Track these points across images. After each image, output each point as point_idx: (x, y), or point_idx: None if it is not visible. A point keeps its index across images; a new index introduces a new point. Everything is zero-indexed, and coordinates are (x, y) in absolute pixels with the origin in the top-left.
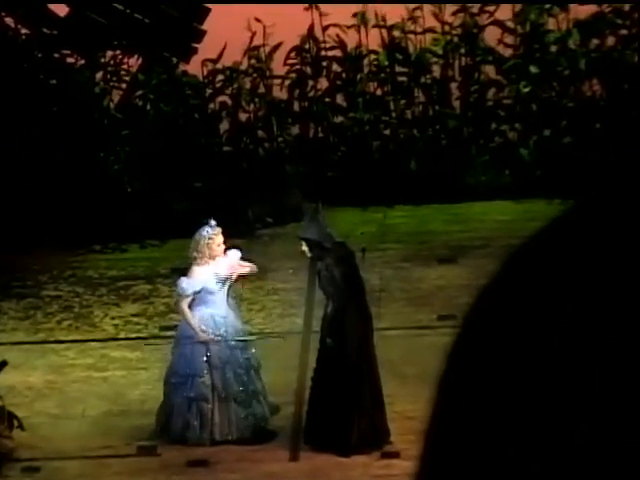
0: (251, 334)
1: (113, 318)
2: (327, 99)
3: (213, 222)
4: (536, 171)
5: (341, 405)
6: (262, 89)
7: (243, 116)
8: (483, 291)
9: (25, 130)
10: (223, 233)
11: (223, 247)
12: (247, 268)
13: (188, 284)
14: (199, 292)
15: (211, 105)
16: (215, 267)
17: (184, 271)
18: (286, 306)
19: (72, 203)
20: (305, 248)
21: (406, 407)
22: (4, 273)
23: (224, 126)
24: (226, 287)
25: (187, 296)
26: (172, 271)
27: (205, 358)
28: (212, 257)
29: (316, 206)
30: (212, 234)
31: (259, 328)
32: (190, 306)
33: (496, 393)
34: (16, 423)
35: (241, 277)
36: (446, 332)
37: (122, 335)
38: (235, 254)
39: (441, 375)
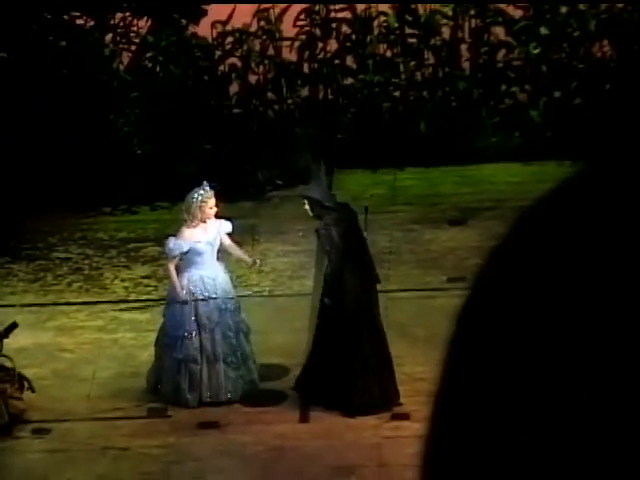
0: (259, 294)
1: (123, 280)
2: (337, 61)
3: (206, 184)
4: (546, 133)
5: (341, 365)
6: (271, 51)
7: (252, 78)
8: (492, 253)
9: (34, 92)
10: (234, 196)
11: (215, 210)
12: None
13: (175, 245)
14: (187, 253)
15: (220, 67)
16: (205, 229)
17: None
18: (296, 268)
19: (82, 165)
20: (307, 207)
21: (416, 369)
22: (14, 235)
23: (234, 88)
24: (215, 249)
25: (173, 257)
26: None
27: (194, 319)
28: (203, 220)
29: (318, 164)
30: (205, 197)
31: (269, 290)
32: (181, 267)
33: (506, 354)
34: (26, 385)
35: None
36: (456, 294)
37: (132, 297)
38: (227, 226)
39: (451, 337)
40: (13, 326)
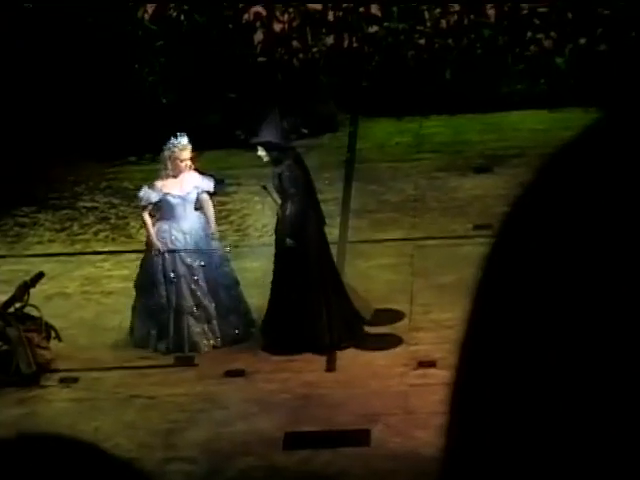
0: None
1: None
2: (361, 9)
3: (182, 135)
4: (571, 80)
5: (306, 307)
6: None
7: (277, 27)
8: (517, 200)
9: (60, 42)
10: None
11: (189, 163)
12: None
13: (145, 193)
14: (158, 204)
15: (245, 16)
16: (180, 182)
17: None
18: None
19: (108, 115)
20: (262, 153)
21: (442, 316)
22: (40, 185)
23: (258, 37)
24: (190, 204)
25: (143, 206)
26: None
27: (161, 269)
28: (176, 171)
29: (271, 107)
30: (177, 147)
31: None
32: (154, 218)
33: (532, 300)
34: (53, 334)
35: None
36: (482, 241)
37: None
38: (208, 183)
39: (476, 284)
40: (40, 276)
